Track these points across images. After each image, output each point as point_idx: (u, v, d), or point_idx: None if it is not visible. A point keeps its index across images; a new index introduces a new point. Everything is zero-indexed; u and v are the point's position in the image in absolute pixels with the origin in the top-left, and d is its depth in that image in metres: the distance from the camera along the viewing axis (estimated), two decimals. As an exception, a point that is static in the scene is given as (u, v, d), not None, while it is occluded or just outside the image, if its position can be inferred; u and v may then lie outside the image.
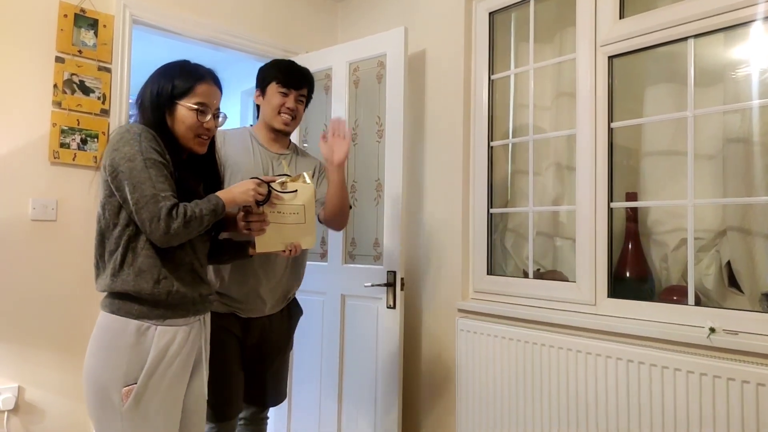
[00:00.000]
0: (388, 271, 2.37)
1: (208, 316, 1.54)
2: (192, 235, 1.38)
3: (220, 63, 1.72)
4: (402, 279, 2.36)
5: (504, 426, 2.07)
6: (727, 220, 1.82)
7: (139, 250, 1.36)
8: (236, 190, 1.48)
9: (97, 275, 1.40)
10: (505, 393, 2.07)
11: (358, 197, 2.63)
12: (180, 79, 1.44)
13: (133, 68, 2.42)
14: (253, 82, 2.01)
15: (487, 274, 2.35)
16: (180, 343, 1.39)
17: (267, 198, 1.56)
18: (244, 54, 2.86)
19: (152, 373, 1.33)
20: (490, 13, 2.41)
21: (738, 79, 1.81)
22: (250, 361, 1.89)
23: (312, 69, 2.80)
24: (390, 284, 2.36)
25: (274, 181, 1.61)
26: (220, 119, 1.54)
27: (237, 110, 4.41)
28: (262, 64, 2.03)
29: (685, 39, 1.79)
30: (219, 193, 1.46)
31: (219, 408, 1.76)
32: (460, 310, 2.34)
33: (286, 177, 1.65)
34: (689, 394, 1.59)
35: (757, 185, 1.74)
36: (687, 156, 1.78)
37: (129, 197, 1.32)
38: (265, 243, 1.63)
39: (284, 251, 1.67)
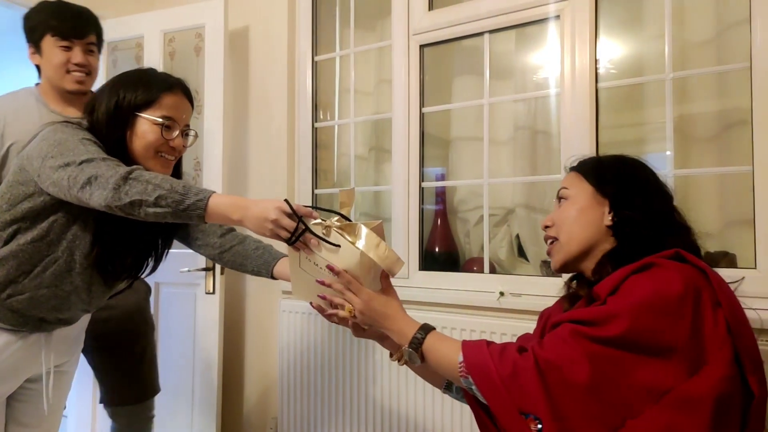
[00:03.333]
0: (207, 255, 2.25)
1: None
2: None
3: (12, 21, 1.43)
4: (222, 263, 2.26)
5: (326, 398, 2.10)
6: (516, 199, 2.06)
7: None
8: (253, 210, 1.08)
9: None
10: (326, 367, 2.10)
11: (175, 177, 2.46)
12: (143, 88, 1.21)
13: None
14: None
15: (311, 254, 2.35)
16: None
17: (295, 237, 1.07)
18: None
19: None
20: (313, -6, 2.41)
21: (525, 73, 2.06)
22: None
23: (121, 37, 2.54)
24: (209, 269, 2.24)
25: (312, 217, 1.09)
26: (190, 138, 1.31)
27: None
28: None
29: (481, 34, 1.98)
30: (227, 198, 1.10)
31: None
32: (285, 292, 2.32)
33: (337, 218, 1.10)
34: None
35: (540, 167, 1.99)
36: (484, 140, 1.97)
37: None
38: (297, 287, 1.21)
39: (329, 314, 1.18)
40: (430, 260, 2.11)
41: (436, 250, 2.13)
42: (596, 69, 1.73)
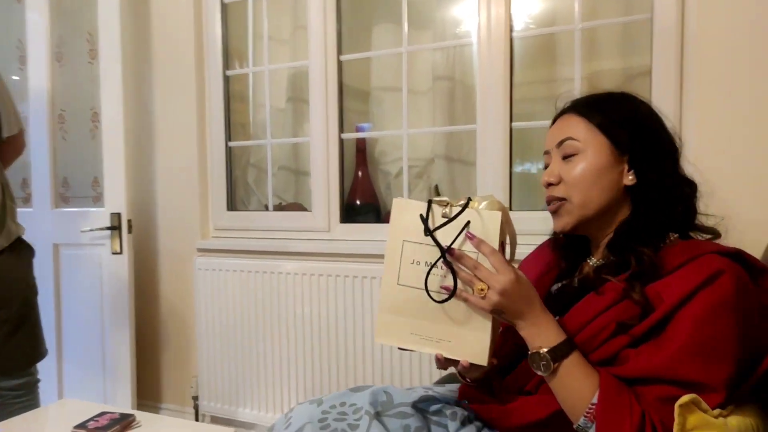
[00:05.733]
0: (111, 214, 2.09)
1: None
2: None
3: None
4: (129, 221, 2.11)
5: (246, 356, 2.07)
6: (436, 149, 2.08)
7: None
8: None
9: None
10: (246, 323, 2.07)
11: (69, 129, 2.24)
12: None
13: None
14: None
15: (228, 210, 2.26)
16: None
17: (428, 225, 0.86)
18: None
19: None
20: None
21: (445, 23, 2.04)
22: None
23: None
24: (114, 227, 2.09)
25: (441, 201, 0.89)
26: None
27: None
28: None
29: (400, -21, 1.92)
30: None
31: None
32: (200, 250, 2.22)
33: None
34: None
35: (458, 117, 2.01)
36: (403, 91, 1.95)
37: None
38: (388, 322, 0.90)
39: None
40: (351, 213, 2.10)
41: (357, 202, 2.12)
42: (510, 20, 1.75)
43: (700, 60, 1.48)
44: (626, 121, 0.94)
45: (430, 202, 0.87)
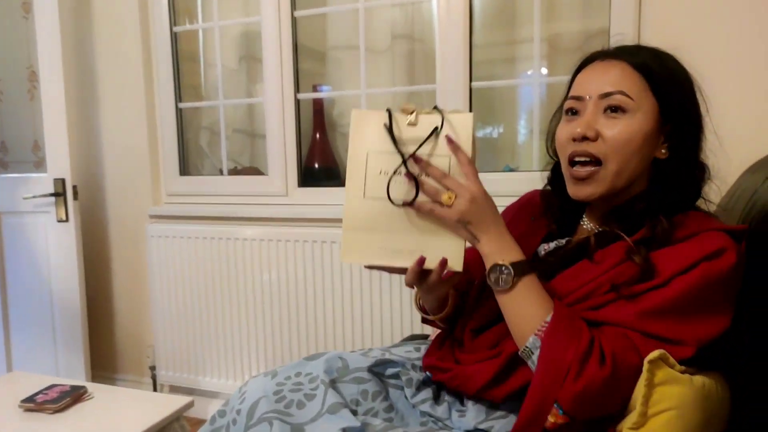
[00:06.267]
0: (55, 179, 1.99)
1: None
2: None
3: None
4: (75, 187, 2.01)
5: (204, 321, 2.04)
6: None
7: None
8: None
9: None
10: (202, 290, 2.02)
11: (4, 89, 2.09)
12: None
13: None
14: None
15: (181, 175, 2.18)
16: None
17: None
18: None
19: None
20: None
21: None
22: None
23: None
24: (58, 194, 1.99)
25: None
26: None
27: None
28: None
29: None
30: None
31: None
32: (152, 216, 2.14)
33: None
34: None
35: (418, 77, 1.97)
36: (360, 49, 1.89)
37: None
38: (354, 239, 0.87)
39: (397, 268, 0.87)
40: (310, 176, 2.05)
41: (315, 165, 2.07)
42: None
43: (656, 21, 1.47)
44: (679, 90, 0.84)
45: (390, 111, 0.83)
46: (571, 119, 0.87)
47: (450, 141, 0.81)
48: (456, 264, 0.83)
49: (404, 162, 0.81)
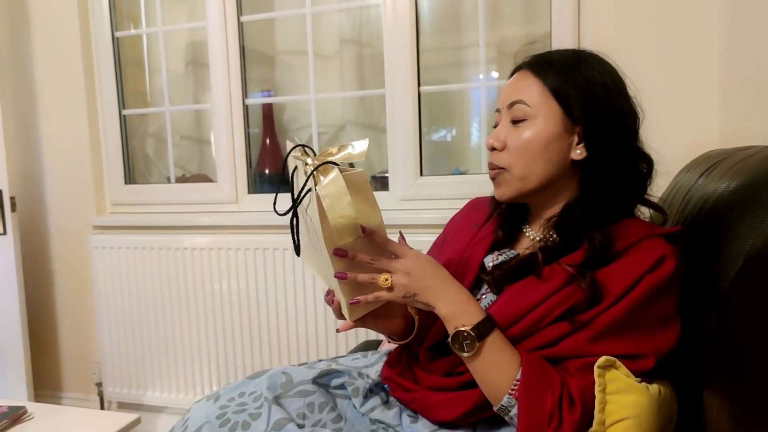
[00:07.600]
0: (-10, 191, 1.89)
1: None
2: None
3: None
4: (13, 198, 1.92)
5: (152, 334, 1.97)
6: (346, 115, 2.03)
7: None
8: None
9: None
10: (150, 303, 1.96)
11: (-68, 97, 1.98)
12: None
13: None
14: None
15: (126, 183, 2.11)
16: None
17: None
18: None
19: None
20: None
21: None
22: None
23: None
24: (-6, 206, 1.89)
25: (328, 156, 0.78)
26: None
27: None
28: None
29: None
30: None
31: None
32: (96, 227, 2.06)
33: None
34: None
35: (367, 82, 1.96)
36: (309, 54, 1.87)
37: None
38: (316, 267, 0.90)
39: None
40: (260, 183, 2.01)
41: (266, 171, 2.04)
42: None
43: (595, 25, 1.51)
44: (583, 88, 0.83)
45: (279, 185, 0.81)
46: (493, 131, 0.91)
47: (363, 229, 0.76)
48: (348, 314, 0.82)
49: (293, 210, 0.81)
